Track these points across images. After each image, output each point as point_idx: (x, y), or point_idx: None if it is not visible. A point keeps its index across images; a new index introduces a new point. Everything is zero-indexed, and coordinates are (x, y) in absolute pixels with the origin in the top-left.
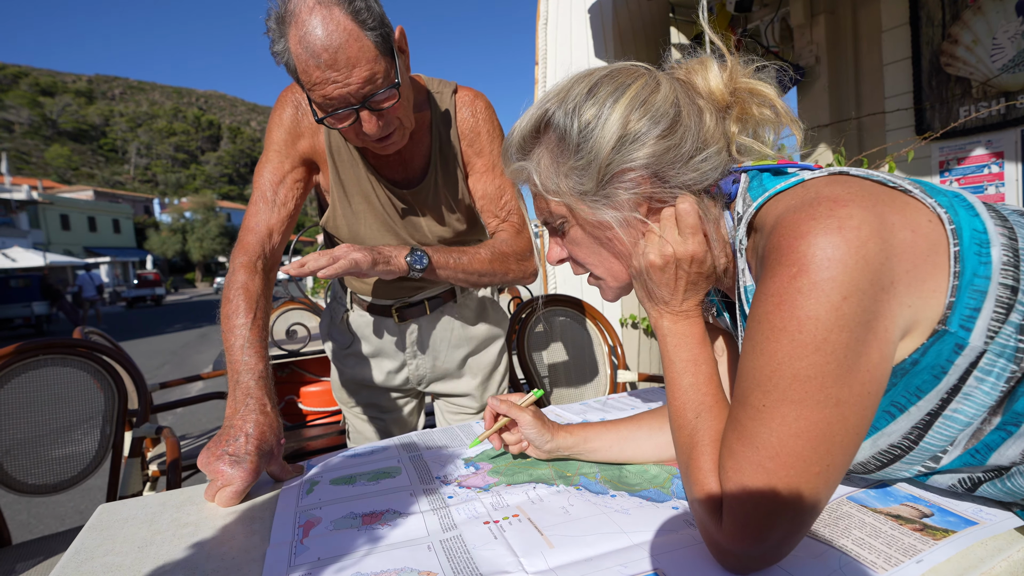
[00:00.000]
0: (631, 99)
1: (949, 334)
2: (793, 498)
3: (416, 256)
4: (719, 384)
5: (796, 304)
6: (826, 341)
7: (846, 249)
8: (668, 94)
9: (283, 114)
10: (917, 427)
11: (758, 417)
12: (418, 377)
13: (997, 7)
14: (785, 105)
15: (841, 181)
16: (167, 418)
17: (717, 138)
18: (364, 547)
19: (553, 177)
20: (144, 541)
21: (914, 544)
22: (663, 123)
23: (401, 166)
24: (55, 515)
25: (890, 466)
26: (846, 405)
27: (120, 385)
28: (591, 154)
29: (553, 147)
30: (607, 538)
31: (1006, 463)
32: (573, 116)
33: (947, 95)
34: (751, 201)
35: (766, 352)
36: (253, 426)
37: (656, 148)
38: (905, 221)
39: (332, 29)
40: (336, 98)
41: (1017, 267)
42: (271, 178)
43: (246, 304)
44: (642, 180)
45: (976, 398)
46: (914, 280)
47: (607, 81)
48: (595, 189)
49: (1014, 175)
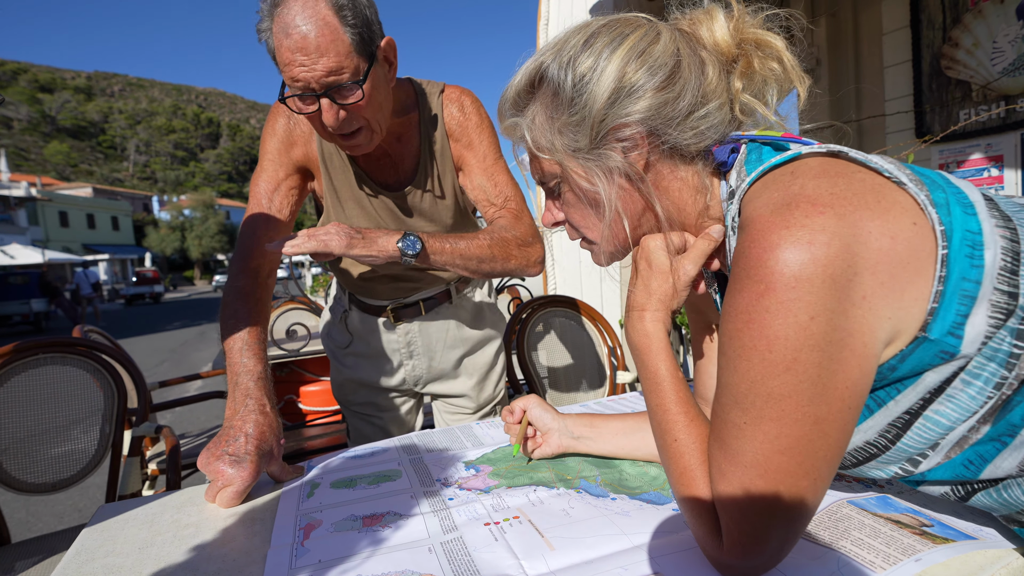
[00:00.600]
0: (628, 50)
1: (930, 341)
2: (785, 510)
3: (408, 241)
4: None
5: (764, 323)
6: (796, 361)
7: (813, 268)
8: (668, 44)
9: (276, 124)
10: (895, 425)
11: (740, 436)
12: (414, 378)
13: (997, 10)
14: (793, 59)
15: (831, 172)
16: (166, 416)
17: (719, 93)
18: (365, 549)
19: (547, 134)
20: (145, 542)
21: (913, 544)
22: (661, 74)
23: (392, 169)
24: (54, 513)
25: (865, 464)
26: (826, 422)
27: (119, 384)
28: (585, 108)
29: (548, 102)
30: (607, 540)
31: (1001, 475)
32: (568, 69)
33: (947, 98)
34: (746, 175)
35: (739, 370)
36: (253, 426)
37: (653, 101)
38: (885, 227)
39: (310, 15)
40: (301, 80)
41: (1016, 272)
42: (266, 186)
43: (245, 307)
44: (638, 138)
45: (960, 401)
46: (891, 291)
47: (604, 32)
48: (589, 146)
49: (1014, 179)
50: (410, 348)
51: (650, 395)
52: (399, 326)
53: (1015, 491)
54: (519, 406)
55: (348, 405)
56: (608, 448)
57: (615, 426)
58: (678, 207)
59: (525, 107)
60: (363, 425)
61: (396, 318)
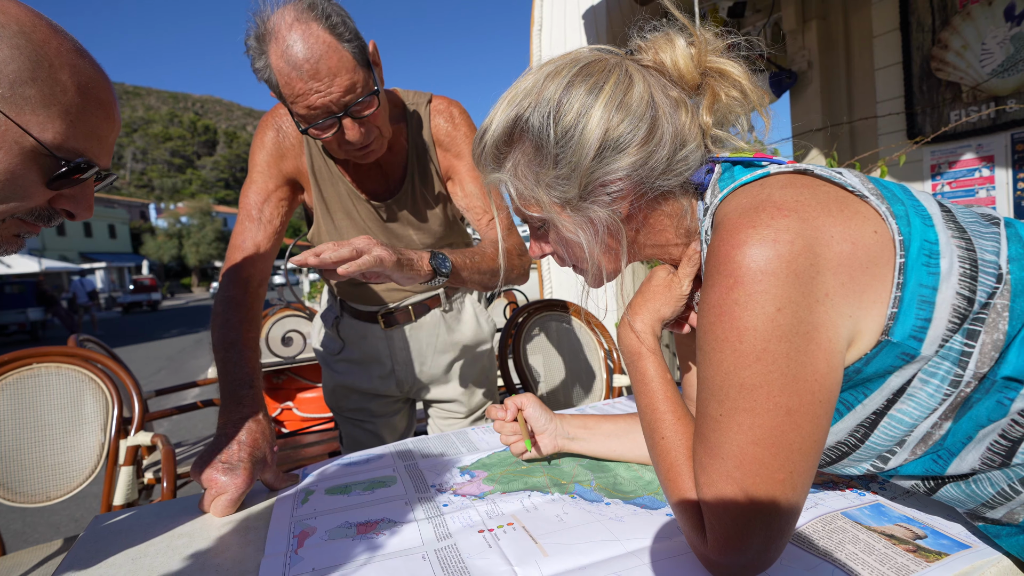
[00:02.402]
0: (607, 100)
1: (892, 344)
2: (764, 504)
3: (439, 259)
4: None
5: (734, 315)
6: (766, 351)
7: (778, 263)
8: (643, 91)
9: (265, 137)
10: (863, 425)
11: (718, 428)
12: (405, 383)
13: (986, 12)
14: (754, 85)
15: (797, 184)
16: (163, 425)
17: (694, 134)
18: (359, 557)
19: (532, 187)
20: (138, 552)
21: (907, 564)
22: (643, 128)
23: (381, 179)
24: (50, 524)
25: (838, 463)
26: (797, 413)
27: (115, 393)
28: (572, 163)
29: (530, 157)
30: (601, 546)
31: (966, 469)
32: (549, 123)
33: (938, 99)
34: (719, 192)
35: (713, 363)
36: (245, 433)
37: (638, 156)
38: (846, 234)
39: (312, 42)
40: (319, 107)
41: (975, 278)
42: (256, 198)
43: (236, 316)
44: (625, 190)
45: (919, 399)
46: (851, 292)
47: (580, 80)
48: (579, 197)
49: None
50: (401, 353)
51: (640, 396)
52: (389, 331)
53: (984, 485)
54: (514, 403)
55: (340, 411)
56: (602, 449)
57: (609, 427)
58: (661, 237)
59: (504, 159)
60: (356, 431)
61: (387, 323)
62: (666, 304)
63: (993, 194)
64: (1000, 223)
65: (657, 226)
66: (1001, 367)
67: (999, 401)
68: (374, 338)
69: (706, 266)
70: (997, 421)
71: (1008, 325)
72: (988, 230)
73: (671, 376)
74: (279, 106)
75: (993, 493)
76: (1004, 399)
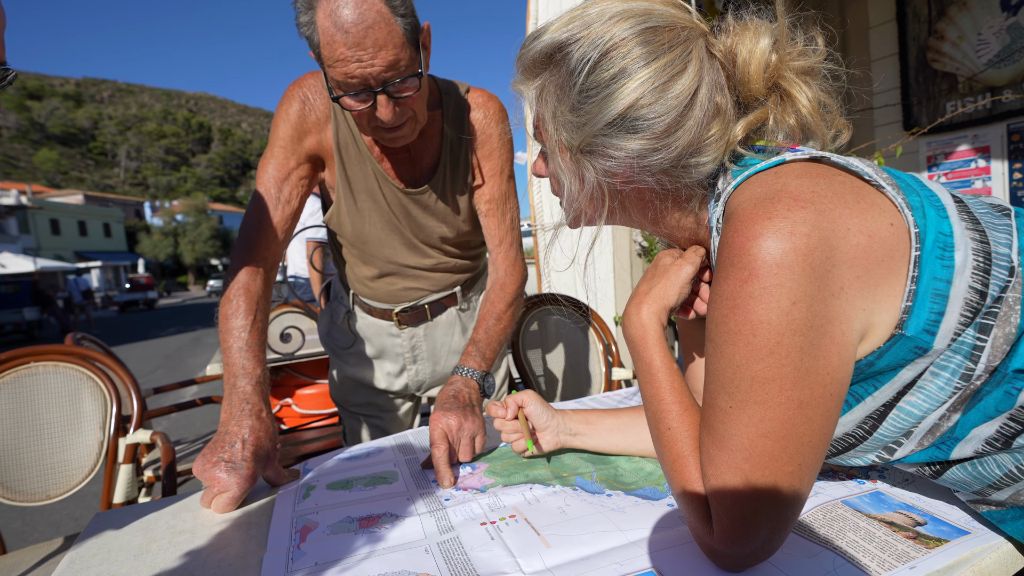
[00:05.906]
0: (648, 78)
1: (906, 338)
2: (772, 496)
3: (488, 384)
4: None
5: (748, 308)
6: (779, 344)
7: (794, 256)
8: (688, 86)
9: (290, 109)
10: (872, 417)
11: (727, 420)
12: (417, 382)
13: (982, 3)
14: (818, 122)
15: (813, 174)
16: (162, 423)
17: (713, 149)
18: (361, 551)
19: (548, 116)
20: (140, 549)
21: (907, 551)
22: (664, 123)
23: (410, 164)
24: (50, 523)
25: (845, 453)
26: (809, 407)
27: (113, 391)
28: (585, 118)
29: (557, 87)
30: (603, 537)
31: (970, 453)
32: (584, 68)
33: (934, 90)
34: (732, 179)
35: (725, 355)
36: (248, 431)
37: (643, 147)
38: (863, 226)
39: (365, 8)
40: (357, 77)
41: (987, 271)
42: (276, 174)
43: (247, 305)
44: (615, 171)
45: (929, 391)
46: (866, 285)
47: (637, 42)
48: (577, 149)
49: (1000, 169)
50: (415, 353)
51: (645, 385)
52: (405, 331)
53: (990, 466)
54: (514, 401)
55: (346, 405)
56: (604, 444)
57: (610, 422)
58: (662, 218)
59: (536, 76)
60: (360, 426)
61: (402, 322)
62: (672, 290)
63: (989, 185)
64: (1011, 214)
65: (659, 207)
66: (1012, 360)
67: (1007, 392)
68: (388, 335)
69: (719, 256)
70: (1005, 412)
71: (1020, 318)
72: (1001, 221)
73: (677, 366)
74: (307, 75)
75: (1000, 475)
76: (1012, 389)
